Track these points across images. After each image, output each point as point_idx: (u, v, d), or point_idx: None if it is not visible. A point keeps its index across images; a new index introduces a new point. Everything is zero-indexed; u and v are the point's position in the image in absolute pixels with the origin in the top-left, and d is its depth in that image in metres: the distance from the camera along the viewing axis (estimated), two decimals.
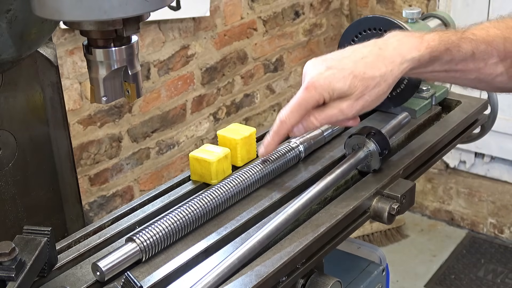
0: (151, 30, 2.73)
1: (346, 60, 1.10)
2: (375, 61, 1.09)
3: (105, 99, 0.98)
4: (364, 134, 1.24)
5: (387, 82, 1.11)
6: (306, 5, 3.52)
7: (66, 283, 1.00)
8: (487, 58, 1.14)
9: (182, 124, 3.00)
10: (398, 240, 3.57)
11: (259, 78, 3.36)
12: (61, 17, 0.87)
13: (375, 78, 1.09)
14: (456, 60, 1.13)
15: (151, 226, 1.06)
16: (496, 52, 1.14)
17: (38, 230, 0.99)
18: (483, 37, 1.14)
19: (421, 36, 1.12)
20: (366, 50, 1.11)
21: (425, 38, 1.11)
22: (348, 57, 1.11)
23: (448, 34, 1.13)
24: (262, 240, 1.04)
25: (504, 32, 1.15)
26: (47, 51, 1.26)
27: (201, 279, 0.97)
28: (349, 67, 1.09)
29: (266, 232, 1.05)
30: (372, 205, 1.20)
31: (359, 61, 1.09)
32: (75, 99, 2.52)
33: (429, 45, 1.10)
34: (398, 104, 1.48)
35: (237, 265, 1.00)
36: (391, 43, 1.11)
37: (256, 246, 1.04)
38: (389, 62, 1.09)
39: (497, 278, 3.31)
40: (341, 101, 1.10)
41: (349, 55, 1.11)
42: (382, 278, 1.36)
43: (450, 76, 1.17)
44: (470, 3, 3.36)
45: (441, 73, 1.16)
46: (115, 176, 2.76)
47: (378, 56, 1.10)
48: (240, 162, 1.28)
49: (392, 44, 1.11)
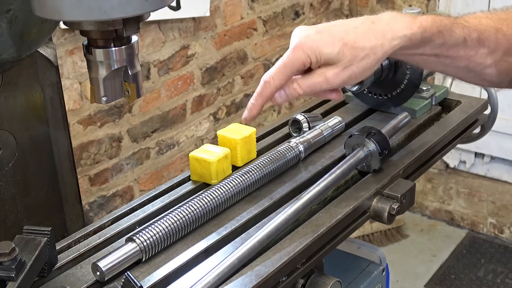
0: (151, 30, 2.73)
1: (337, 28, 1.08)
2: (367, 32, 1.08)
3: (105, 99, 0.98)
4: (364, 134, 1.24)
5: (376, 56, 1.08)
6: (306, 5, 3.52)
7: (66, 283, 1.00)
8: (478, 47, 1.14)
9: (182, 124, 3.00)
10: (398, 240, 3.57)
11: (259, 78, 3.35)
12: (61, 17, 0.87)
13: (365, 49, 1.07)
14: (447, 45, 1.12)
15: (151, 226, 1.06)
16: (487, 42, 1.14)
17: (38, 230, 0.99)
18: (475, 25, 1.13)
19: (415, 16, 1.11)
20: (358, 21, 1.09)
21: (418, 18, 1.10)
22: (339, 26, 1.09)
23: (442, 17, 1.12)
24: (262, 240, 1.04)
25: (496, 23, 1.15)
26: (47, 51, 1.26)
27: (201, 279, 0.97)
28: (339, 34, 1.07)
29: (266, 232, 1.05)
30: (372, 205, 1.20)
31: (351, 30, 1.08)
32: (75, 99, 2.52)
33: (422, 25, 1.09)
34: (398, 104, 1.48)
35: (237, 265, 1.00)
36: (384, 19, 1.10)
37: (256, 246, 1.04)
38: (380, 36, 1.08)
39: (497, 278, 3.31)
40: (327, 68, 1.07)
41: (340, 24, 1.09)
42: (382, 278, 1.36)
43: (439, 61, 1.16)
44: (470, 3, 3.36)
45: (431, 57, 1.14)
46: (115, 176, 2.76)
47: (370, 29, 1.08)
48: (240, 162, 1.28)
49: (385, 20, 1.10)
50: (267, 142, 1.40)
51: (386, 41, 1.08)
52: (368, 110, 1.53)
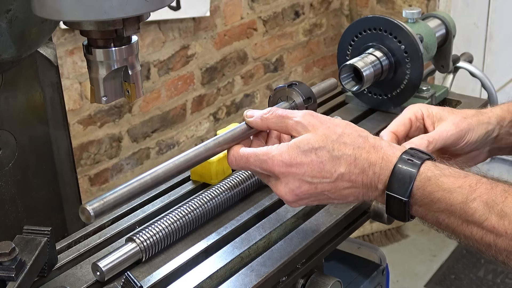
0: (151, 30, 2.73)
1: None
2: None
3: (105, 99, 0.98)
4: (286, 85, 1.18)
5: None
6: (306, 5, 3.52)
7: (66, 283, 1.00)
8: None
9: (182, 124, 3.01)
10: (398, 240, 3.57)
11: (259, 78, 3.36)
12: (61, 17, 0.87)
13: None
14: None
15: (151, 226, 1.06)
16: None
17: (38, 230, 0.99)
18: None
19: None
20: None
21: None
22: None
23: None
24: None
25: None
26: (47, 51, 1.26)
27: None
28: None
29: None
30: (372, 205, 1.20)
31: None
32: (75, 99, 2.52)
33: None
34: (398, 104, 1.48)
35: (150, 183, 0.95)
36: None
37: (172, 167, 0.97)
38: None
39: (497, 278, 3.31)
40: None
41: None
42: (382, 278, 1.36)
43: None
44: (470, 3, 3.36)
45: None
46: (115, 176, 2.76)
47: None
48: None
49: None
50: None
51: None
52: (368, 110, 1.53)
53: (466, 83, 2.33)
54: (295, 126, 0.99)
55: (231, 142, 1.01)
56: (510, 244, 0.89)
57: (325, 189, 0.97)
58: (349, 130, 0.99)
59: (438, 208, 0.93)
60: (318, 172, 0.96)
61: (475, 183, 0.93)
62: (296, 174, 0.96)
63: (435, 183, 0.93)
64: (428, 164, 0.95)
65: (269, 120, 1.01)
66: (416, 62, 1.40)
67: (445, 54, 1.61)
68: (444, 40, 1.59)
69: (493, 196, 0.91)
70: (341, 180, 0.96)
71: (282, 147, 0.97)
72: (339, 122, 1.00)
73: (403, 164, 0.94)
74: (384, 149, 0.97)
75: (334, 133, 0.97)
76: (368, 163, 0.96)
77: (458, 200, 0.92)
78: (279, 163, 0.96)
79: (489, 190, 0.91)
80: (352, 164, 0.96)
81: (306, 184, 0.96)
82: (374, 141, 0.98)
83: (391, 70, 1.43)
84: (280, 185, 0.98)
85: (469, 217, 0.91)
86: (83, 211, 0.86)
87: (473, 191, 0.92)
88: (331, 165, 0.95)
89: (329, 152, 0.96)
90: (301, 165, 0.95)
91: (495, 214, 0.89)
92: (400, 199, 0.95)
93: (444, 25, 1.58)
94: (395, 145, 0.99)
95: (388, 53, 1.41)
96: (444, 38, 1.59)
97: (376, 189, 0.97)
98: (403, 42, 1.39)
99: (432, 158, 0.97)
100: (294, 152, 0.96)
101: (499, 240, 0.90)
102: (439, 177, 0.93)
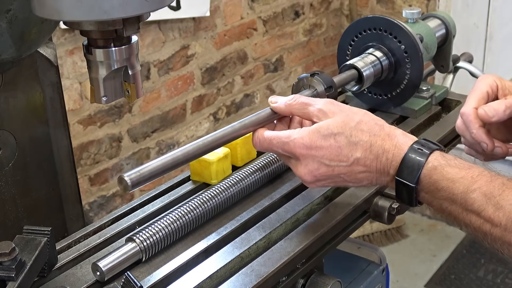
0: (151, 30, 2.73)
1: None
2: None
3: (105, 99, 0.98)
4: (309, 74, 1.24)
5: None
6: (306, 5, 3.52)
7: (66, 283, 1.00)
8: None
9: (182, 124, 3.00)
10: (398, 240, 3.57)
11: (259, 78, 3.36)
12: (61, 17, 0.87)
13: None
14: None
15: (151, 226, 1.06)
16: None
17: (38, 230, 0.99)
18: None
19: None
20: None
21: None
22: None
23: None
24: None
25: None
26: (47, 51, 1.26)
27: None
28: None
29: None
30: (372, 205, 1.20)
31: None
32: (75, 99, 2.52)
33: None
34: (398, 104, 1.48)
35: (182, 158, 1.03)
36: None
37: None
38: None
39: (497, 278, 3.31)
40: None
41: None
42: (382, 278, 1.36)
43: None
44: (470, 3, 3.36)
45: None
46: (115, 176, 2.76)
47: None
48: (240, 162, 1.29)
49: None
50: None
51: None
52: (368, 110, 1.53)
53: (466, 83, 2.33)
54: (317, 113, 1.05)
55: (256, 125, 1.08)
56: (504, 234, 0.95)
57: (342, 172, 1.03)
58: (366, 118, 1.05)
59: (442, 196, 0.99)
60: (335, 155, 1.02)
61: (476, 174, 0.98)
62: (315, 157, 1.02)
63: (440, 173, 0.99)
64: (436, 154, 1.01)
65: (292, 106, 1.08)
66: (416, 62, 1.40)
67: (445, 54, 1.61)
68: (444, 40, 1.59)
69: (492, 188, 0.97)
70: (356, 164, 1.03)
71: (303, 131, 1.04)
72: (357, 111, 1.07)
73: (413, 153, 1.01)
74: (398, 138, 1.03)
75: (353, 121, 1.04)
76: (382, 149, 1.02)
77: (460, 189, 0.97)
78: (300, 145, 1.03)
79: (488, 182, 0.97)
80: (367, 150, 1.02)
81: (324, 166, 1.03)
82: (389, 130, 1.04)
83: (391, 70, 1.43)
84: (300, 166, 1.04)
85: (469, 206, 0.97)
86: (121, 181, 0.91)
87: (474, 182, 0.97)
88: (348, 150, 1.02)
89: (347, 138, 1.02)
90: (320, 149, 1.02)
91: (492, 205, 0.95)
92: (408, 185, 1.01)
93: (444, 25, 1.58)
94: (409, 134, 1.06)
95: (388, 53, 1.41)
96: (444, 38, 1.59)
97: (388, 174, 1.03)
98: (403, 42, 1.39)
99: (441, 148, 1.03)
100: (314, 136, 1.02)
101: (494, 230, 0.96)
102: (445, 167, 0.99)
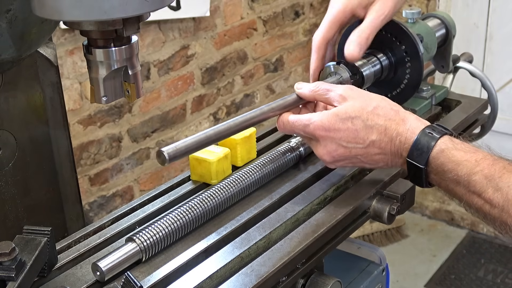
0: (151, 30, 2.73)
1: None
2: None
3: (105, 99, 0.98)
4: (335, 62, 1.31)
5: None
6: (306, 5, 3.52)
7: (66, 283, 1.00)
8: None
9: (182, 124, 3.01)
10: (398, 240, 3.57)
11: (259, 78, 3.36)
12: (61, 17, 0.87)
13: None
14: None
15: (151, 226, 1.06)
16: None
17: (38, 230, 0.99)
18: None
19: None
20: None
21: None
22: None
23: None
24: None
25: None
26: (47, 51, 1.26)
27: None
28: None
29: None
30: (372, 205, 1.20)
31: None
32: (75, 99, 2.52)
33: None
34: (398, 104, 1.48)
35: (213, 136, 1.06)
36: None
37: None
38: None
39: (497, 278, 3.31)
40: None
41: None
42: (382, 278, 1.36)
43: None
44: (470, 3, 3.36)
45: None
46: (115, 176, 2.76)
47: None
48: (240, 162, 1.29)
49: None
50: (267, 142, 1.40)
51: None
52: None
53: (466, 83, 2.33)
54: (336, 98, 1.13)
55: (282, 109, 1.16)
56: (501, 215, 1.01)
57: (358, 153, 1.11)
58: (383, 103, 1.12)
59: (448, 178, 1.06)
60: (352, 138, 1.10)
61: (480, 158, 1.04)
62: (334, 138, 1.11)
63: (447, 155, 1.06)
64: (445, 138, 1.08)
65: (315, 92, 1.16)
66: (416, 62, 1.40)
67: (445, 54, 1.61)
68: (444, 40, 1.59)
69: (493, 171, 1.02)
70: (372, 146, 1.10)
71: (323, 114, 1.11)
72: (375, 96, 1.14)
73: (424, 136, 1.08)
74: (411, 122, 1.10)
75: (370, 105, 1.11)
76: (396, 133, 1.09)
77: (463, 172, 1.04)
78: (320, 127, 1.11)
79: (490, 165, 1.03)
80: (382, 133, 1.09)
81: (342, 148, 1.11)
82: (404, 115, 1.11)
83: (391, 70, 1.42)
84: (320, 147, 1.13)
85: (472, 187, 1.04)
86: (160, 155, 0.98)
87: (477, 165, 1.03)
88: (364, 132, 1.10)
89: (363, 122, 1.09)
90: (338, 131, 1.10)
91: (491, 187, 1.02)
92: (418, 167, 1.08)
93: (444, 25, 1.58)
94: (422, 119, 1.12)
95: (388, 53, 1.41)
96: (444, 38, 1.59)
97: (401, 156, 1.10)
98: (403, 42, 1.39)
99: (452, 133, 1.09)
100: (333, 119, 1.10)
101: (493, 211, 1.02)
102: (451, 150, 1.06)
